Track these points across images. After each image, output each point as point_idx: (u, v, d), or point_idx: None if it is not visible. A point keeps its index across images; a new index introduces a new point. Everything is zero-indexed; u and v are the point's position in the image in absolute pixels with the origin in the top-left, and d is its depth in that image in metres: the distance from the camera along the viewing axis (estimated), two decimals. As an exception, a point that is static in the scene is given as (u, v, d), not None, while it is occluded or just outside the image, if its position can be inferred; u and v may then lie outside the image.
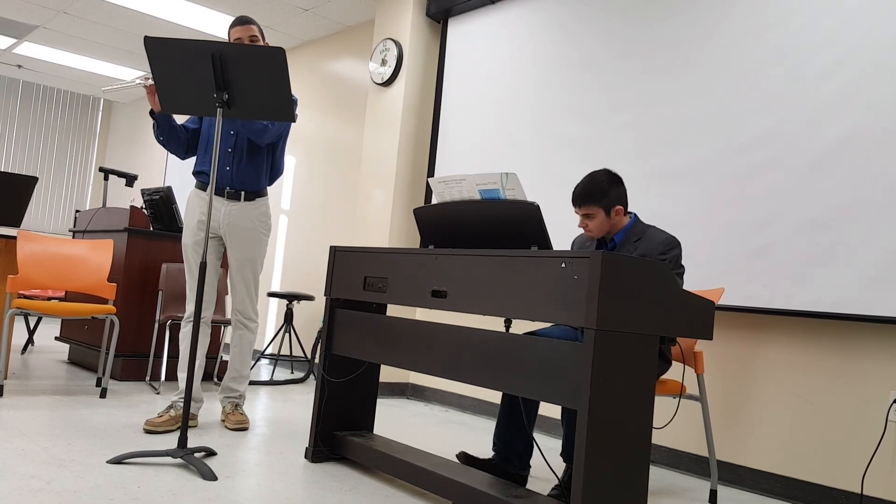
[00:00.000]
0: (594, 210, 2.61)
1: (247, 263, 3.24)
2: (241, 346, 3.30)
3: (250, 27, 3.11)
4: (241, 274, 3.24)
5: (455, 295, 2.20)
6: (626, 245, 2.63)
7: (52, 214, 9.38)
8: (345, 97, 5.84)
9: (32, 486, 2.11)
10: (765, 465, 3.04)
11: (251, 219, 3.22)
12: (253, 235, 3.23)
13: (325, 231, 5.81)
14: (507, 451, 2.60)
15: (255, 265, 3.27)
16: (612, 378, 1.84)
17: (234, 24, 3.13)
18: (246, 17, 3.16)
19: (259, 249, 3.27)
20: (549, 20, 4.15)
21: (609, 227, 2.65)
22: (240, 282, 3.24)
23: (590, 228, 2.65)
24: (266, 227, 3.29)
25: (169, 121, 3.12)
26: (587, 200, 2.62)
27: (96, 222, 4.69)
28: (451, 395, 4.49)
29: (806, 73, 3.00)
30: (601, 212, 2.61)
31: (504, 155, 4.28)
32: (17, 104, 9.08)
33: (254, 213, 3.23)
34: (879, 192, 2.74)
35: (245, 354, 3.32)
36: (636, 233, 2.65)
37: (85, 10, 6.14)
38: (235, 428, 3.17)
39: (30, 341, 5.16)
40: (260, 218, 3.26)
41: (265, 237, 3.30)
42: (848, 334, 2.88)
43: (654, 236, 2.62)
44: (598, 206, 2.60)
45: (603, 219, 2.62)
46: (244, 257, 3.23)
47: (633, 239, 2.63)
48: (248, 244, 3.23)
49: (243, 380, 3.32)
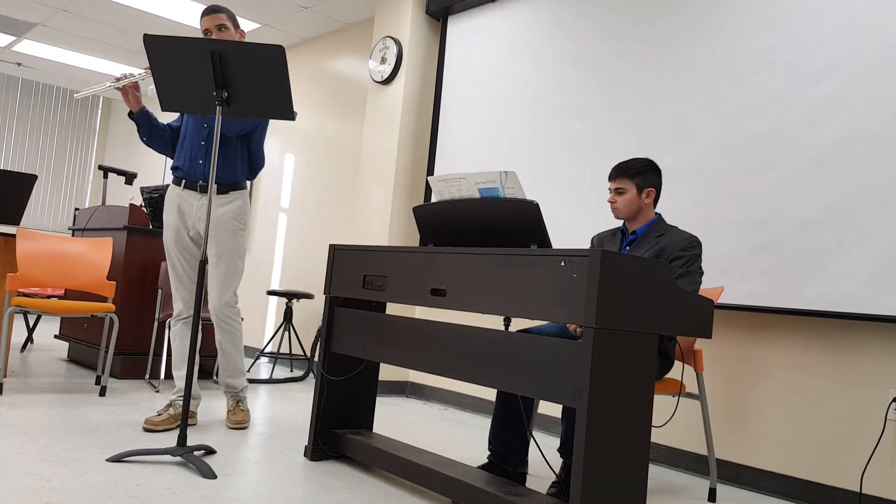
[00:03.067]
0: (627, 185, 2.64)
1: (224, 258, 3.12)
2: (225, 345, 3.21)
3: (217, 16, 3.03)
4: (219, 269, 3.12)
5: (454, 293, 2.20)
6: (648, 239, 2.65)
7: (51, 212, 9.38)
8: (344, 95, 5.83)
9: (32, 483, 2.12)
10: (764, 464, 3.04)
11: (225, 212, 3.11)
12: (227, 229, 3.11)
13: (324, 229, 5.81)
14: (503, 449, 2.60)
15: (231, 260, 3.14)
16: (612, 376, 1.84)
17: (203, 14, 3.04)
18: (215, 5, 3.08)
19: (232, 244, 3.13)
20: (548, 18, 4.14)
21: (636, 209, 2.67)
22: (217, 277, 3.13)
23: (617, 205, 2.68)
24: (240, 221, 3.16)
25: (149, 120, 3.10)
26: (622, 173, 2.66)
27: (96, 220, 4.69)
28: (450, 394, 4.49)
29: (806, 72, 3.00)
30: (633, 188, 2.65)
31: (503, 153, 4.28)
32: (16, 102, 9.07)
33: (228, 206, 3.12)
34: (879, 192, 2.74)
35: (233, 351, 3.22)
36: (659, 229, 2.69)
37: (84, 8, 6.14)
38: (234, 427, 3.16)
39: (29, 339, 5.16)
40: (234, 211, 3.13)
41: (241, 230, 3.17)
42: (848, 333, 2.88)
43: (677, 234, 2.65)
44: (631, 181, 2.64)
45: (633, 197, 2.65)
46: (220, 252, 3.12)
47: (656, 234, 2.66)
48: (222, 238, 3.11)
49: (240, 374, 3.26)
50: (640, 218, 2.72)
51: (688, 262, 2.57)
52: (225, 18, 3.06)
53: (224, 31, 3.04)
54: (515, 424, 2.57)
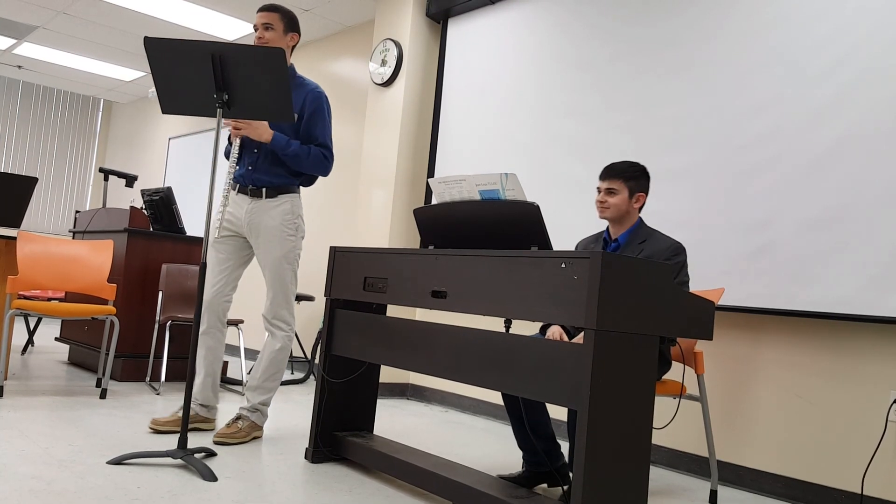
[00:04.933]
0: (619, 186, 2.65)
1: (271, 264, 3.04)
2: (263, 352, 3.09)
3: (268, 14, 2.98)
4: (267, 275, 3.05)
5: (455, 295, 2.20)
6: (631, 246, 2.64)
7: (52, 215, 9.38)
8: (345, 97, 5.84)
9: (33, 486, 2.11)
10: (765, 466, 3.04)
11: (272, 216, 3.03)
12: (275, 234, 3.03)
13: (325, 231, 5.81)
14: (532, 454, 2.61)
15: (281, 266, 3.03)
16: (612, 378, 1.84)
17: (258, 10, 3.00)
18: (272, 3, 3.02)
19: (282, 250, 3.03)
20: (548, 20, 4.15)
21: (625, 212, 2.66)
22: (267, 284, 3.05)
23: (607, 204, 2.66)
24: (290, 226, 3.05)
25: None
26: (616, 175, 2.67)
27: (96, 223, 4.69)
28: (450, 396, 4.49)
29: (806, 73, 3.00)
30: (625, 190, 2.65)
31: (504, 155, 4.28)
32: (17, 105, 9.08)
33: (274, 210, 3.04)
34: (879, 192, 2.74)
35: (265, 362, 3.06)
36: (641, 235, 2.66)
37: (85, 11, 6.15)
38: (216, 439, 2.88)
39: (30, 342, 5.15)
40: (282, 216, 3.04)
41: (291, 236, 3.06)
42: (848, 334, 2.88)
43: (659, 240, 2.63)
44: (625, 183, 2.64)
45: (624, 199, 2.65)
46: (267, 258, 3.04)
47: (638, 241, 2.64)
48: (270, 244, 3.03)
49: (261, 391, 3.05)
50: (624, 222, 2.69)
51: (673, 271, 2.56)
52: (276, 18, 2.99)
53: (270, 31, 2.98)
54: (535, 427, 2.58)
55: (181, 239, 4.46)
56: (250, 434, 2.99)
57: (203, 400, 3.10)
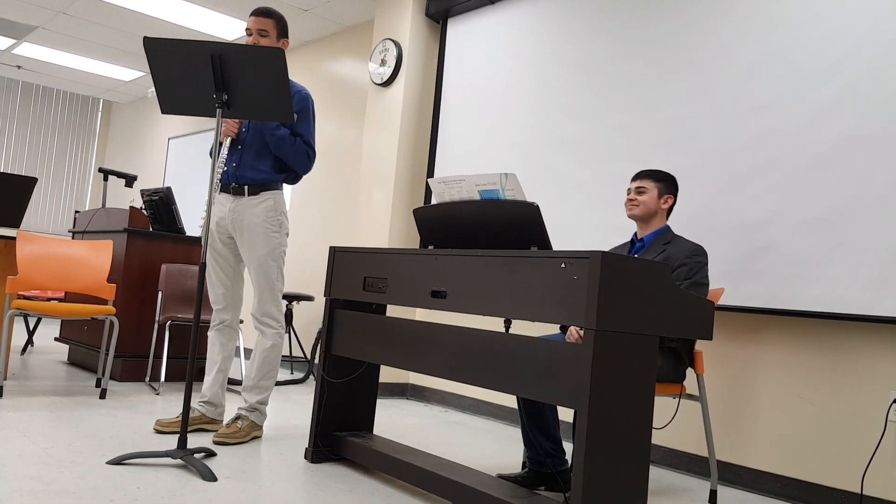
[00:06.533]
0: (650, 185, 2.79)
1: (256, 262, 3.04)
2: (255, 351, 3.08)
3: (262, 19, 2.99)
4: (253, 273, 3.06)
5: (455, 295, 2.20)
6: (655, 247, 2.73)
7: (51, 215, 9.38)
8: (344, 97, 5.84)
9: (33, 486, 2.11)
10: (765, 466, 3.04)
11: (255, 214, 3.03)
12: (258, 232, 3.03)
13: (324, 231, 5.81)
14: (536, 454, 2.61)
15: (266, 264, 3.03)
16: (612, 378, 1.84)
17: (251, 13, 3.01)
18: (265, 8, 3.02)
19: (266, 247, 3.03)
20: (548, 21, 4.15)
21: (654, 212, 2.78)
22: (253, 282, 3.06)
23: (637, 202, 2.79)
24: (274, 223, 3.05)
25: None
26: (648, 175, 2.82)
27: (96, 223, 4.69)
28: (450, 396, 4.49)
29: (806, 73, 3.00)
30: (655, 190, 2.79)
31: (503, 155, 4.28)
32: (16, 105, 9.08)
33: (257, 207, 3.03)
34: (879, 192, 2.74)
35: (258, 361, 3.06)
36: (666, 238, 2.77)
37: (84, 11, 6.14)
38: (216, 439, 2.88)
39: (29, 342, 5.15)
40: (265, 213, 3.04)
41: (275, 233, 3.06)
42: (848, 334, 2.88)
43: (683, 243, 2.73)
44: (655, 183, 2.79)
45: (653, 197, 2.78)
46: (252, 256, 3.04)
47: (662, 242, 2.75)
48: (254, 242, 3.03)
49: (257, 391, 3.05)
50: (651, 223, 2.80)
51: (692, 269, 2.59)
52: (270, 24, 3.01)
53: (265, 37, 2.99)
54: (543, 427, 2.58)
55: (181, 239, 4.46)
56: (250, 434, 2.99)
57: (212, 397, 3.11)
